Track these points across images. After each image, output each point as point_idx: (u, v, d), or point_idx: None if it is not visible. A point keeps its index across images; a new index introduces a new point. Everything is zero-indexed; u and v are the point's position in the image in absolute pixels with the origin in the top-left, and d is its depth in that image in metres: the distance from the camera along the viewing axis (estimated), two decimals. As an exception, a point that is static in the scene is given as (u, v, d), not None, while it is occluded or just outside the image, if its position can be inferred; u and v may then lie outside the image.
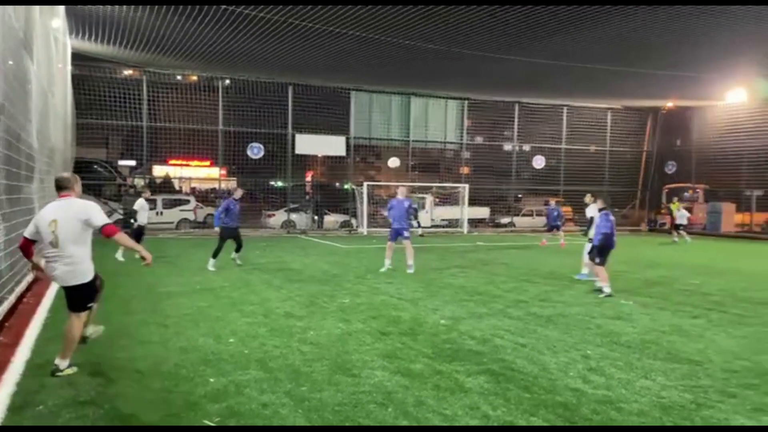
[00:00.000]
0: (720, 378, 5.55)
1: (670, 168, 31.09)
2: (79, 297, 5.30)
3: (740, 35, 15.30)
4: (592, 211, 11.79)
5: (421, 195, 27.89)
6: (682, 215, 22.82)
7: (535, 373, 5.57)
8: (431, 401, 4.75)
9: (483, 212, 30.05)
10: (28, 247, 5.32)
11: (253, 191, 27.36)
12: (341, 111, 26.36)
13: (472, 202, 28.24)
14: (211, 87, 24.56)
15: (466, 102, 28.65)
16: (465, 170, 30.40)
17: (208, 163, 29.71)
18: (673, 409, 4.70)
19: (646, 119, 31.80)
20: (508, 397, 4.88)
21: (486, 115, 30.43)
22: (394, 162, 28.87)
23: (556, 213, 19.85)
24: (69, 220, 5.12)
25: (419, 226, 24.39)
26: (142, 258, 5.31)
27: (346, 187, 27.96)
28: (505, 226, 29.82)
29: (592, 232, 11.42)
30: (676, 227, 22.99)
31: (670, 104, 29.92)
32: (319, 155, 29.85)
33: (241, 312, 8.14)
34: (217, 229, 13.11)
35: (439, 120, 28.78)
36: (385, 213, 14.97)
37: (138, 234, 13.62)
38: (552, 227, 20.03)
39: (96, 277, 5.44)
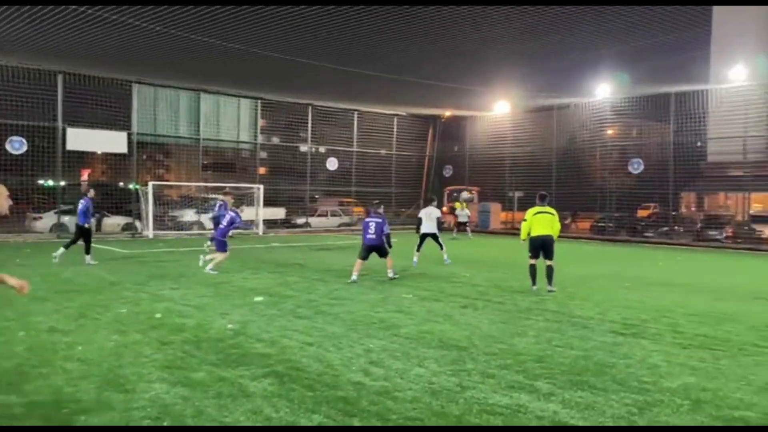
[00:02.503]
0: (482, 361, 6.20)
1: (448, 171, 34.15)
2: None
3: (503, 53, 17.33)
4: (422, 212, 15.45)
5: (213, 196, 26.89)
6: (464, 214, 25.44)
7: (320, 371, 5.69)
8: (211, 410, 4.60)
9: (279, 213, 29.97)
10: None
11: (17, 191, 23.99)
12: (122, 105, 24.27)
13: (269, 202, 27.99)
14: (-41, 70, 20.98)
15: (260, 102, 28.29)
16: (261, 170, 30.02)
17: (-45, 158, 25.30)
18: (441, 393, 5.14)
19: (428, 126, 34.42)
20: (291, 398, 4.92)
21: (281, 115, 30.39)
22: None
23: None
24: None
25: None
26: None
27: (130, 186, 25.85)
28: (301, 226, 30.10)
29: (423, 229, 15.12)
30: (459, 225, 25.39)
31: (448, 113, 32.79)
32: (98, 152, 27.24)
33: (-9, 330, 7.09)
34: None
35: (232, 119, 28.00)
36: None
37: None
38: None
39: None
